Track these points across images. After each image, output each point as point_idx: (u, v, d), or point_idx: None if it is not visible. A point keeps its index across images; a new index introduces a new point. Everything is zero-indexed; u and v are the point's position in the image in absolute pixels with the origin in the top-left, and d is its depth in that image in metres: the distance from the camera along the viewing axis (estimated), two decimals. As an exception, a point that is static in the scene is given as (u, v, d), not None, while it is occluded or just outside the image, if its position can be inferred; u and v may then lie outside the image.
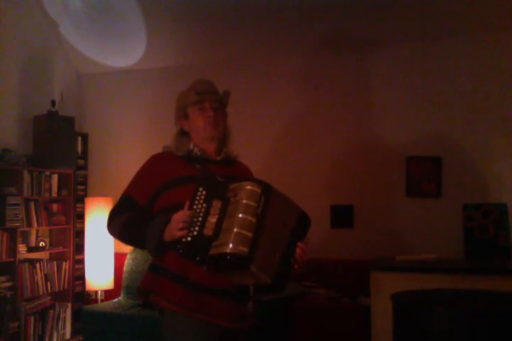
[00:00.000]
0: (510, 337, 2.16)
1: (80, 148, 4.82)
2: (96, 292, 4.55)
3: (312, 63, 4.36)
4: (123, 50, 4.72)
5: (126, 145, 4.81)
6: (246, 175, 2.09)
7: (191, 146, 2.00)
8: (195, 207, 1.71)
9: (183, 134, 2.03)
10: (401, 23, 3.92)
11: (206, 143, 2.00)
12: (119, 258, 4.50)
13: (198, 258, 1.64)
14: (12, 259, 3.92)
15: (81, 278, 4.63)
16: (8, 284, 3.87)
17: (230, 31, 4.29)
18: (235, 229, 1.60)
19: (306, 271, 4.07)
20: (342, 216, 4.16)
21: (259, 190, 1.69)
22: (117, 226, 1.90)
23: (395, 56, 4.12)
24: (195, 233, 1.66)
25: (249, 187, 1.69)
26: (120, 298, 4.33)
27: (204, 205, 1.70)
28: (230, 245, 1.58)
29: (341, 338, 3.51)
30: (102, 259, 4.45)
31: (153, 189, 1.91)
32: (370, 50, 4.18)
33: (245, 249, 1.58)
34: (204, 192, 1.72)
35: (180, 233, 1.69)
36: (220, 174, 1.84)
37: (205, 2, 4.09)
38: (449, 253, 3.67)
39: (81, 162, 4.83)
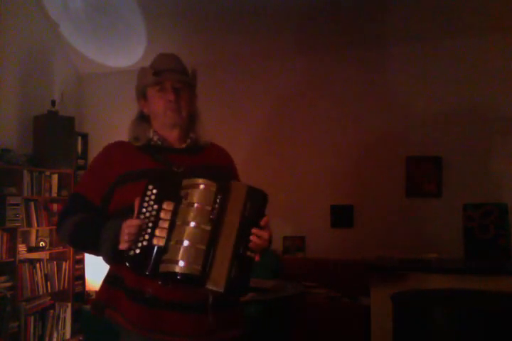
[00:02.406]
0: (510, 336, 2.16)
1: (80, 148, 4.82)
2: (96, 292, 4.54)
3: (311, 64, 4.36)
4: (123, 50, 4.72)
5: (126, 145, 4.80)
6: (220, 162, 1.77)
7: (151, 134, 1.70)
8: (144, 209, 1.46)
9: (142, 119, 1.75)
10: (403, 22, 3.93)
11: (167, 130, 1.71)
12: (119, 258, 4.50)
13: (147, 273, 1.42)
14: (12, 259, 3.92)
15: (81, 278, 4.62)
16: (8, 284, 3.87)
17: (230, 31, 4.29)
18: (186, 242, 1.41)
19: (307, 271, 4.09)
20: (342, 216, 4.16)
21: (213, 189, 1.46)
22: (67, 230, 1.64)
23: (397, 56, 4.13)
24: (144, 243, 1.43)
25: (202, 186, 1.46)
26: (120, 298, 4.32)
27: (155, 207, 1.45)
28: (181, 263, 1.39)
29: (341, 338, 3.51)
30: (102, 259, 4.44)
31: (106, 185, 1.63)
32: (369, 49, 4.19)
33: (198, 267, 1.40)
34: (155, 191, 1.46)
35: (125, 246, 1.45)
36: (179, 165, 1.60)
37: (204, 3, 4.09)
38: (449, 253, 3.67)
39: (81, 162, 4.83)
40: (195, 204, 1.44)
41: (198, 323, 1.57)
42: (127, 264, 1.46)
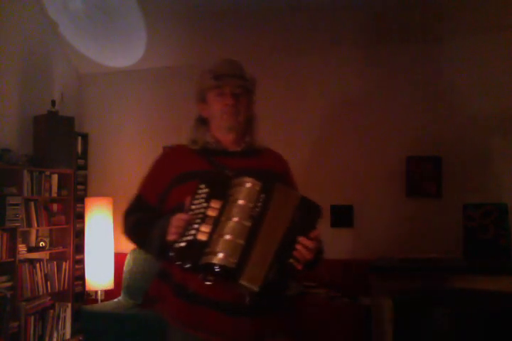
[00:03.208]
0: (510, 336, 2.16)
1: (80, 148, 4.82)
2: (96, 292, 4.54)
3: (310, 64, 4.36)
4: (123, 50, 4.72)
5: (127, 145, 4.81)
6: (275, 166, 1.86)
7: (208, 138, 1.79)
8: (194, 207, 1.54)
9: (201, 121, 1.83)
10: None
11: (223, 133, 1.79)
12: (119, 258, 4.50)
13: (187, 266, 1.50)
14: (12, 259, 3.91)
15: (81, 278, 4.62)
16: (8, 284, 3.86)
17: (230, 31, 4.29)
18: (226, 236, 1.49)
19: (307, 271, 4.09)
20: (342, 216, 4.16)
21: (258, 188, 1.55)
22: (128, 229, 1.77)
23: (396, 55, 4.13)
24: (189, 238, 1.51)
25: (248, 184, 1.55)
26: (120, 298, 4.32)
27: (204, 205, 1.54)
28: (219, 255, 1.46)
29: (341, 338, 3.51)
30: (102, 259, 4.44)
31: (162, 187, 1.74)
32: (368, 46, 4.19)
33: (234, 260, 1.46)
34: (206, 190, 1.56)
35: (172, 237, 1.53)
36: (232, 168, 1.68)
37: (205, 2, 4.09)
38: (449, 253, 3.67)
39: (81, 162, 4.83)
40: (239, 201, 1.53)
41: (237, 325, 1.60)
42: (172, 256, 1.53)
